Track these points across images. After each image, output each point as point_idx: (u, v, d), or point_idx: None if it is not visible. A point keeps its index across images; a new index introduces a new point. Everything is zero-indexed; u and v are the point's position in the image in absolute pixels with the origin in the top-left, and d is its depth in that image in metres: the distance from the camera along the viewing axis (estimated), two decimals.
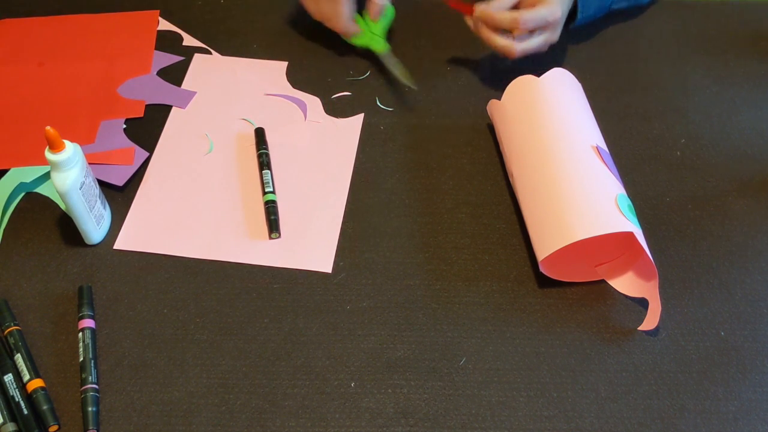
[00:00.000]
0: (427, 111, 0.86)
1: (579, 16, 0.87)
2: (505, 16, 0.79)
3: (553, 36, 0.82)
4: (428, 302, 0.71)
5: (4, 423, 0.62)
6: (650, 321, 0.68)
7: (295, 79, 0.89)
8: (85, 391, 0.64)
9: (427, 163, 0.81)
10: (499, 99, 0.78)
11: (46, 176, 0.79)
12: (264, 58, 0.91)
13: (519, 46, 0.80)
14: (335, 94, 0.87)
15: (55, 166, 0.67)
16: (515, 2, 0.81)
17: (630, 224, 0.65)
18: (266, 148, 0.81)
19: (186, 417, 0.64)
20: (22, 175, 0.79)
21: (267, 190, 0.77)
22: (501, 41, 0.80)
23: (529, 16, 0.78)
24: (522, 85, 0.76)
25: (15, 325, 0.68)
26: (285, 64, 0.90)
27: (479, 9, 0.81)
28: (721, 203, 0.77)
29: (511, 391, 0.65)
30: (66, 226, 0.76)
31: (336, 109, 0.86)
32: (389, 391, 0.65)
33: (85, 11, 0.96)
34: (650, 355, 0.67)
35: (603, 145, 0.72)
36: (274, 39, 0.93)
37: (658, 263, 0.71)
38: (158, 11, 0.96)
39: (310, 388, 0.65)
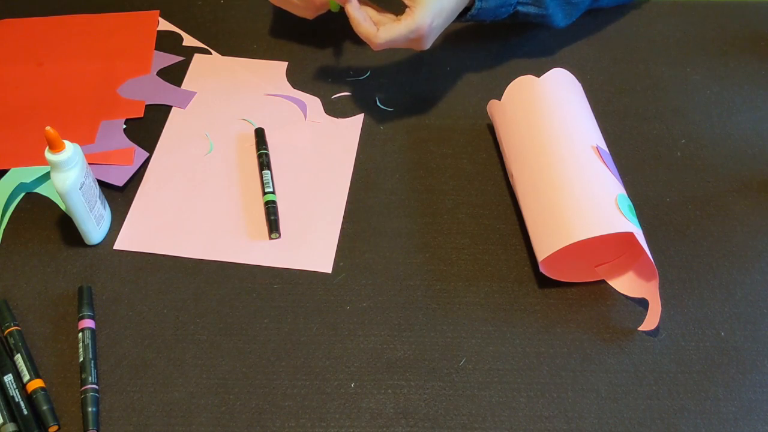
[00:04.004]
0: (427, 111, 0.86)
1: (477, 4, 0.81)
2: (362, 30, 0.75)
3: (420, 46, 0.78)
4: (428, 302, 0.71)
5: (4, 423, 0.62)
6: (650, 321, 0.68)
7: (295, 79, 0.89)
8: (85, 391, 0.64)
9: (427, 163, 0.81)
10: (499, 99, 0.78)
11: (46, 176, 0.79)
12: (264, 58, 0.91)
13: (381, 39, 0.74)
14: (335, 94, 0.87)
15: (55, 166, 0.67)
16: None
17: (630, 224, 0.65)
18: (266, 149, 0.81)
19: (186, 417, 0.64)
20: (22, 175, 0.79)
21: (267, 190, 0.77)
22: (364, 28, 0.75)
23: (386, 37, 0.74)
24: (522, 85, 0.76)
25: (15, 325, 0.68)
26: (285, 64, 0.90)
27: (351, 9, 0.75)
28: (721, 203, 0.77)
29: (511, 391, 0.65)
30: (66, 226, 0.76)
31: (336, 109, 0.86)
32: (389, 391, 0.65)
33: (85, 11, 0.96)
34: (650, 355, 0.67)
35: (603, 146, 0.72)
36: (274, 39, 0.93)
37: (658, 263, 0.71)
38: (158, 11, 0.96)
39: (310, 389, 0.65)
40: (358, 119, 0.85)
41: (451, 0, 0.76)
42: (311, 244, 0.74)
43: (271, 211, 0.76)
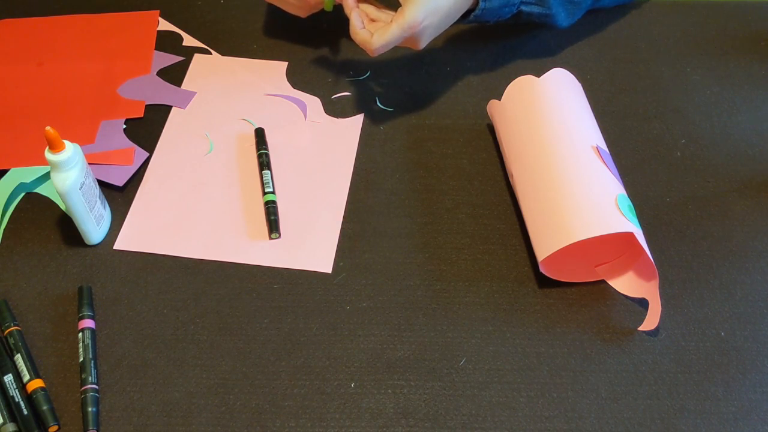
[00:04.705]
0: (427, 111, 0.86)
1: (481, 4, 0.81)
2: (359, 38, 0.76)
3: (415, 45, 0.78)
4: (428, 302, 0.71)
5: (4, 423, 0.62)
6: (650, 321, 0.68)
7: (295, 79, 0.89)
8: (85, 391, 0.64)
9: (427, 163, 0.81)
10: (499, 99, 0.78)
11: (46, 176, 0.79)
12: (264, 58, 0.91)
13: (376, 45, 0.75)
14: (335, 94, 0.87)
15: (55, 166, 0.67)
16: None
17: (630, 224, 0.65)
18: (266, 149, 0.81)
19: (186, 417, 0.64)
20: (22, 175, 0.79)
21: (267, 190, 0.77)
22: (360, 36, 0.76)
23: (379, 42, 0.75)
24: (522, 85, 0.76)
25: (15, 325, 0.68)
26: (285, 64, 0.90)
27: (350, 14, 0.77)
28: (721, 204, 0.77)
29: (511, 391, 0.65)
30: (66, 226, 0.76)
31: (336, 109, 0.86)
32: (389, 391, 0.65)
33: (85, 11, 0.96)
34: (650, 355, 0.67)
35: (603, 146, 0.72)
36: (274, 39, 0.93)
37: (658, 263, 0.71)
38: (158, 11, 0.96)
39: (310, 389, 0.65)
40: (358, 119, 0.85)
41: (447, 0, 0.76)
42: (311, 244, 0.74)
43: (271, 211, 0.76)
